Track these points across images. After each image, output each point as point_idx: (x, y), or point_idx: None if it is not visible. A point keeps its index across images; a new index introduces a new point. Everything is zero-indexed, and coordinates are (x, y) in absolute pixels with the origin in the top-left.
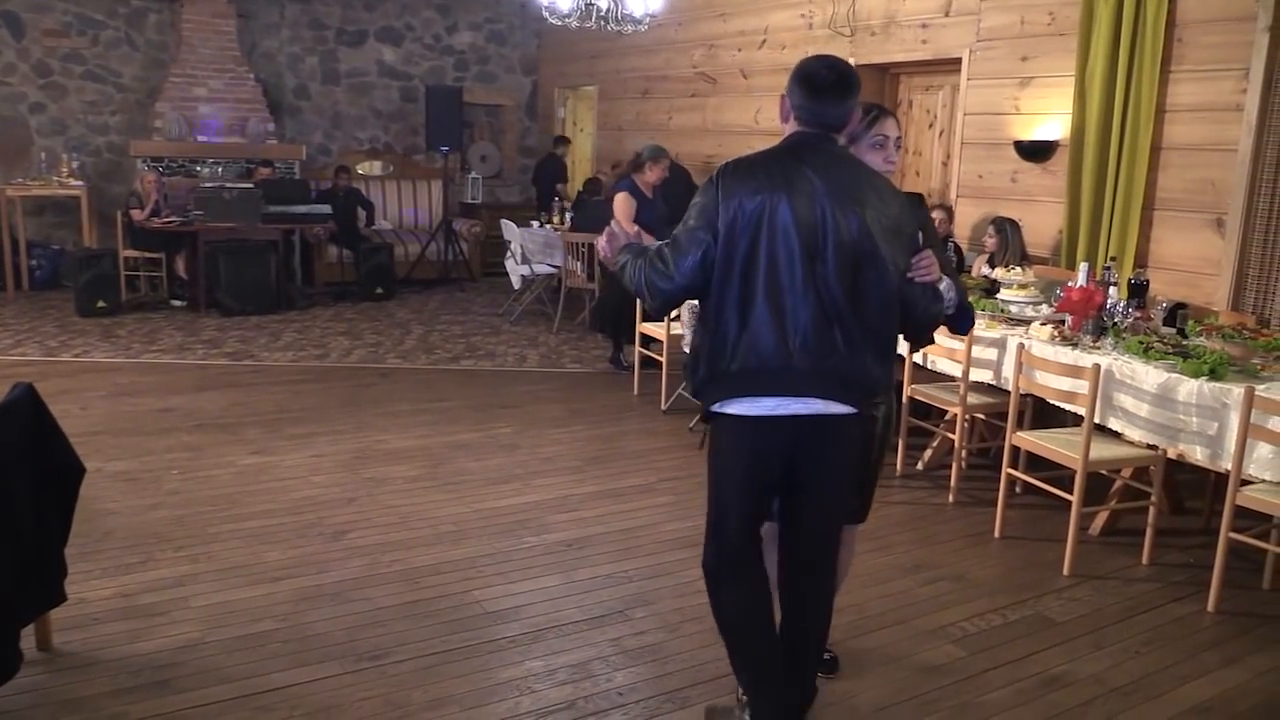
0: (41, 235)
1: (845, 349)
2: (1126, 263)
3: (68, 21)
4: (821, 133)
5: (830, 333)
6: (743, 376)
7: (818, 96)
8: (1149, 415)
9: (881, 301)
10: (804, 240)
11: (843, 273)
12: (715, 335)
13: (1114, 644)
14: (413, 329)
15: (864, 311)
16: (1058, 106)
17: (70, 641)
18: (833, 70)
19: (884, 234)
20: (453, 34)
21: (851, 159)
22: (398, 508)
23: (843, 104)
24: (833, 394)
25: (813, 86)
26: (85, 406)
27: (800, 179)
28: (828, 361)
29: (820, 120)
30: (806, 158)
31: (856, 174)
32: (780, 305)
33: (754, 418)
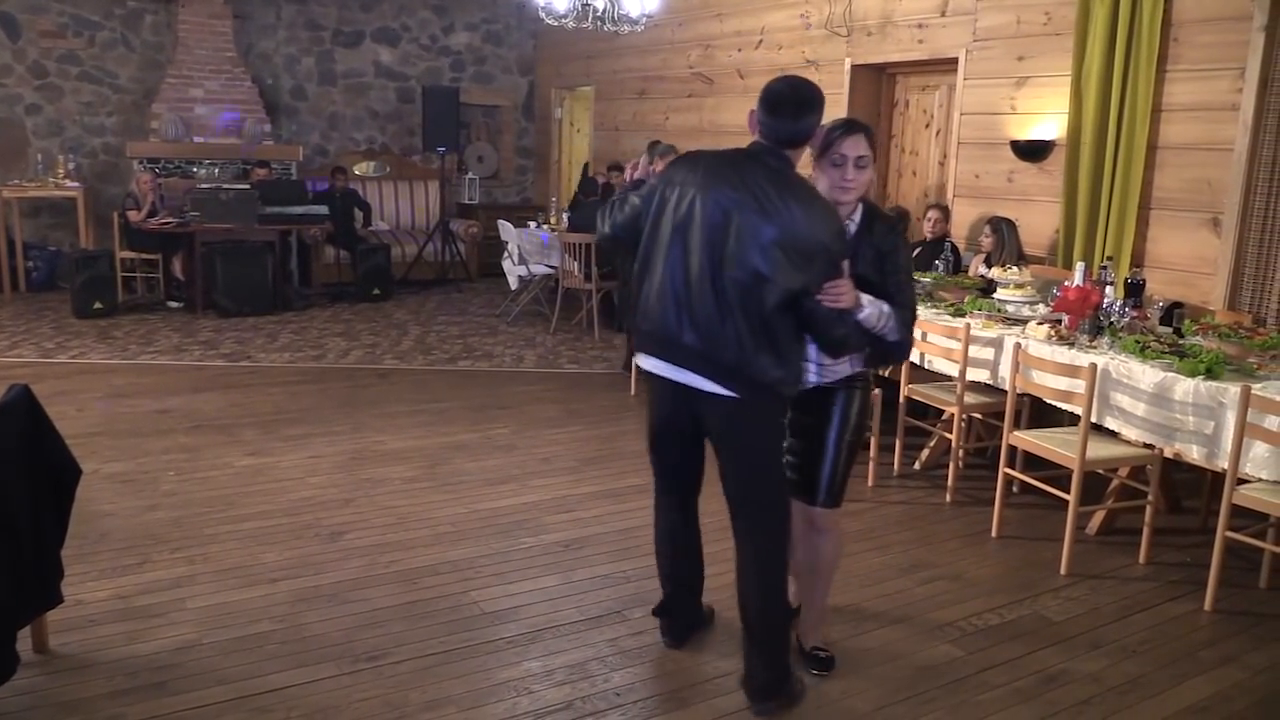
0: (38, 236)
1: (735, 342)
2: (1123, 262)
3: (64, 22)
4: (772, 146)
5: (722, 325)
6: (647, 336)
7: (773, 113)
8: (1146, 414)
9: (772, 311)
10: (708, 238)
11: (738, 276)
12: (634, 294)
13: (1111, 643)
14: (410, 330)
15: (756, 315)
16: (1054, 106)
17: (67, 643)
18: (792, 90)
19: (786, 253)
20: (449, 34)
21: (785, 175)
22: (395, 508)
23: (796, 122)
24: (715, 377)
25: (770, 104)
26: (82, 408)
27: (725, 183)
28: (716, 349)
29: (774, 135)
30: (743, 166)
31: (783, 190)
32: (676, 285)
33: (653, 374)
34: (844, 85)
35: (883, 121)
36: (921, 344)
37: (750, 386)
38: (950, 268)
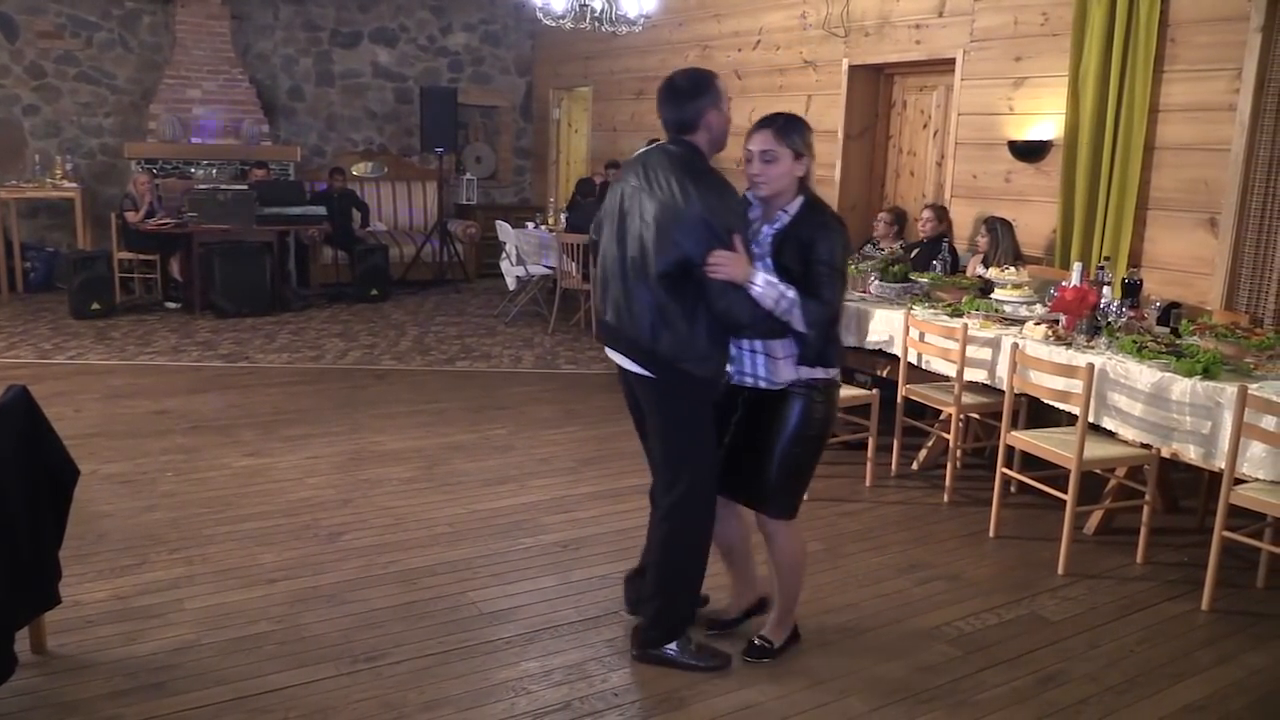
0: (36, 237)
1: (637, 320)
2: (1120, 262)
3: (61, 23)
4: (673, 135)
5: (629, 305)
6: (602, 323)
7: (658, 105)
8: (1143, 414)
9: (661, 285)
10: (617, 225)
11: (633, 255)
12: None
13: (1109, 643)
14: (408, 330)
15: (652, 292)
16: (1051, 106)
17: (65, 644)
18: (668, 81)
19: (664, 225)
20: (447, 35)
21: (680, 158)
22: (393, 509)
23: (677, 109)
24: (633, 357)
25: (657, 97)
26: (80, 409)
27: (632, 173)
28: (627, 328)
29: (665, 124)
30: (650, 156)
31: (672, 171)
32: (605, 276)
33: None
34: (842, 86)
35: (880, 122)
36: (918, 344)
37: (662, 366)
38: (948, 268)
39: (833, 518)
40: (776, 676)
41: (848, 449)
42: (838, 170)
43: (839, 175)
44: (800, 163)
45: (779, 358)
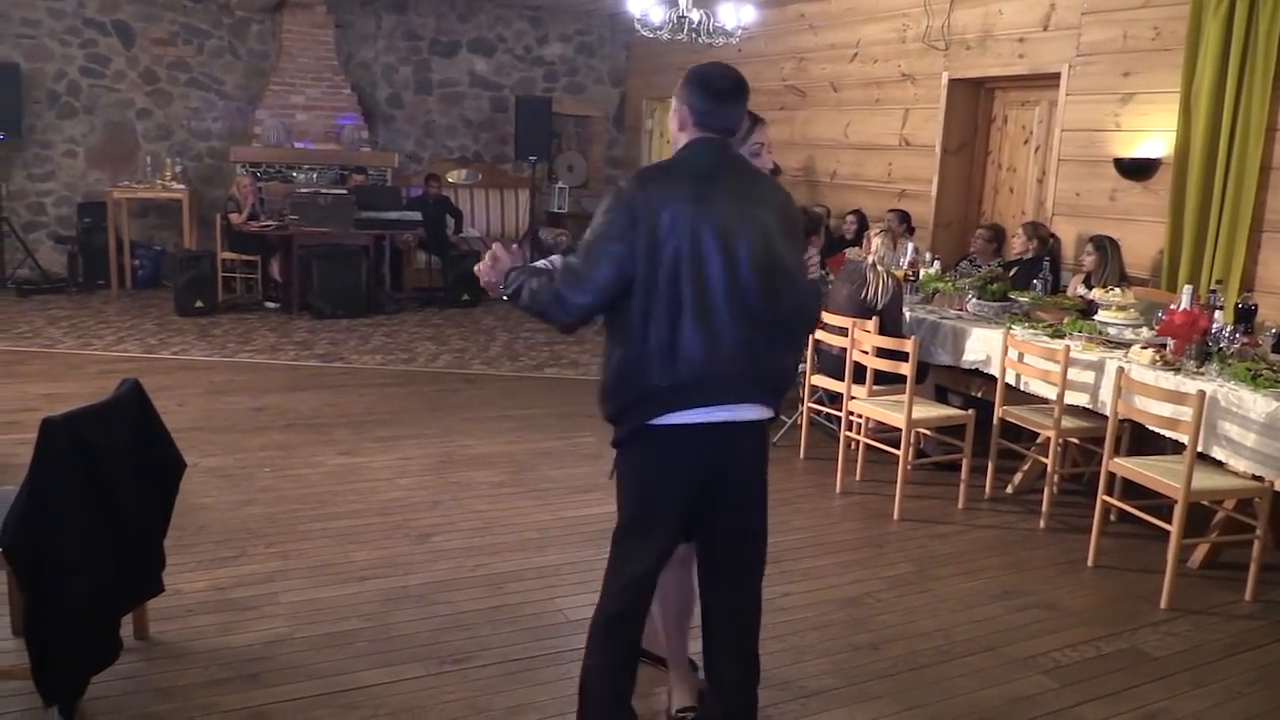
0: (144, 236)
1: (767, 352)
2: (1233, 286)
3: (175, 31)
4: (723, 139)
5: (754, 339)
6: (674, 391)
7: (720, 101)
8: (1255, 445)
9: (795, 302)
10: (724, 247)
11: (759, 278)
12: (643, 348)
13: (1215, 682)
14: (498, 336)
15: (779, 314)
16: (1161, 123)
17: (166, 631)
18: (727, 76)
19: (781, 234)
20: (543, 45)
21: (747, 162)
22: (482, 513)
23: (740, 107)
24: (758, 398)
25: (714, 92)
26: (182, 403)
27: (715, 186)
28: (753, 366)
29: (723, 125)
30: (719, 164)
31: (758, 178)
32: (709, 315)
33: (687, 427)
34: (941, 100)
35: (979, 137)
36: (1017, 365)
37: (778, 394)
38: (1048, 287)
39: (924, 539)
40: (865, 699)
41: (939, 470)
42: (934, 185)
43: (935, 190)
44: None
45: None
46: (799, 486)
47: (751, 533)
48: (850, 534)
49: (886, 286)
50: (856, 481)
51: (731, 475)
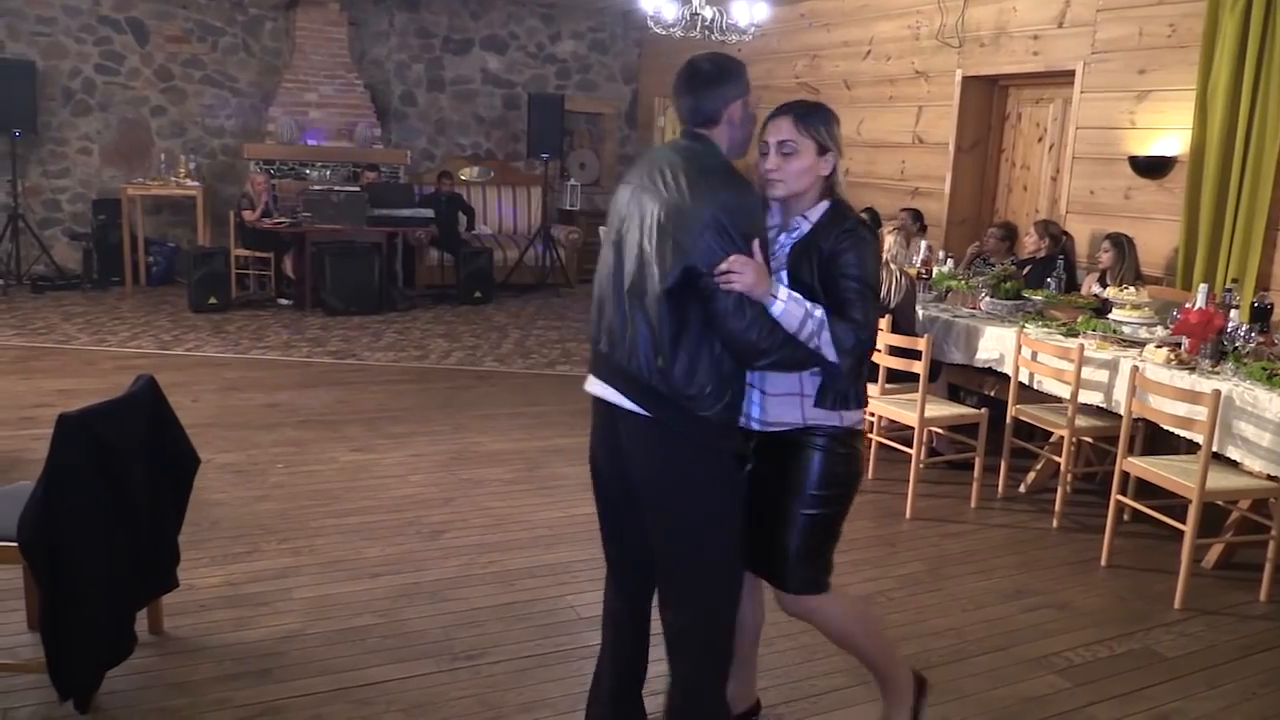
0: (159, 233)
1: (635, 347)
2: (1248, 285)
3: (189, 28)
4: (686, 129)
5: (625, 328)
6: (594, 352)
7: (674, 93)
8: (1271, 445)
9: (664, 301)
10: (616, 229)
11: (634, 268)
12: None
13: (1229, 683)
14: (510, 333)
15: (650, 309)
16: (1177, 121)
17: (180, 626)
18: (687, 65)
19: (666, 228)
20: (555, 43)
21: (690, 151)
22: (494, 510)
23: (690, 96)
24: (622, 389)
25: (673, 85)
26: (196, 399)
27: (635, 175)
28: (618, 353)
29: (681, 115)
30: (655, 154)
31: (680, 167)
32: (601, 291)
33: (593, 396)
34: (954, 97)
35: (993, 135)
36: (1031, 364)
37: (661, 404)
38: (1062, 286)
39: (936, 538)
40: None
41: (952, 468)
42: (947, 184)
43: (949, 189)
44: (826, 159)
45: (773, 394)
46: None
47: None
48: (862, 533)
49: (900, 285)
50: (869, 480)
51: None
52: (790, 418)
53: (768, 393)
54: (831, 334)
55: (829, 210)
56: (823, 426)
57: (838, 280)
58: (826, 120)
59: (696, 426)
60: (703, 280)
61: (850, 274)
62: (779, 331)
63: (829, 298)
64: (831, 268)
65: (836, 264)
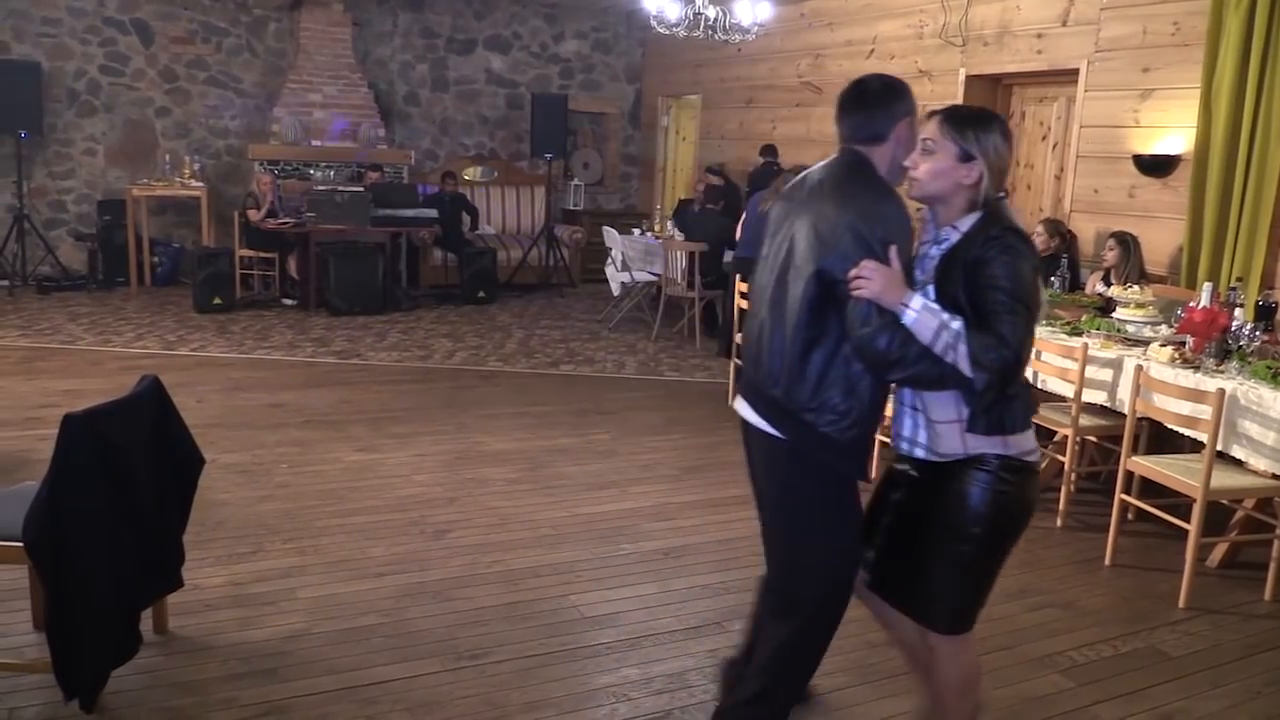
0: (163, 233)
1: (768, 360)
2: (1253, 284)
3: (193, 29)
4: (845, 146)
5: (762, 342)
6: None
7: (839, 110)
8: (1276, 444)
9: (800, 311)
10: (767, 245)
11: (773, 282)
12: None
13: (1233, 682)
14: (513, 333)
15: (787, 320)
16: (1181, 119)
17: (185, 626)
18: (855, 85)
19: (808, 237)
20: (559, 42)
21: (845, 167)
22: (497, 509)
23: (858, 115)
24: (751, 403)
25: (837, 103)
26: (201, 400)
27: (790, 191)
28: (753, 371)
29: (844, 133)
30: (812, 170)
31: (832, 181)
32: (752, 308)
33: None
34: (958, 96)
35: None
36: (1034, 362)
37: (787, 420)
38: (1066, 285)
39: None
40: (881, 696)
41: None
42: None
43: None
44: (969, 167)
45: (938, 421)
46: None
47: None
48: None
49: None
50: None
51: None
52: (954, 447)
53: (932, 419)
54: (968, 348)
55: (980, 220)
56: (986, 456)
57: (984, 291)
58: (983, 129)
59: (816, 442)
60: (838, 288)
61: (998, 285)
62: (913, 343)
63: (975, 310)
64: (978, 278)
65: (983, 274)
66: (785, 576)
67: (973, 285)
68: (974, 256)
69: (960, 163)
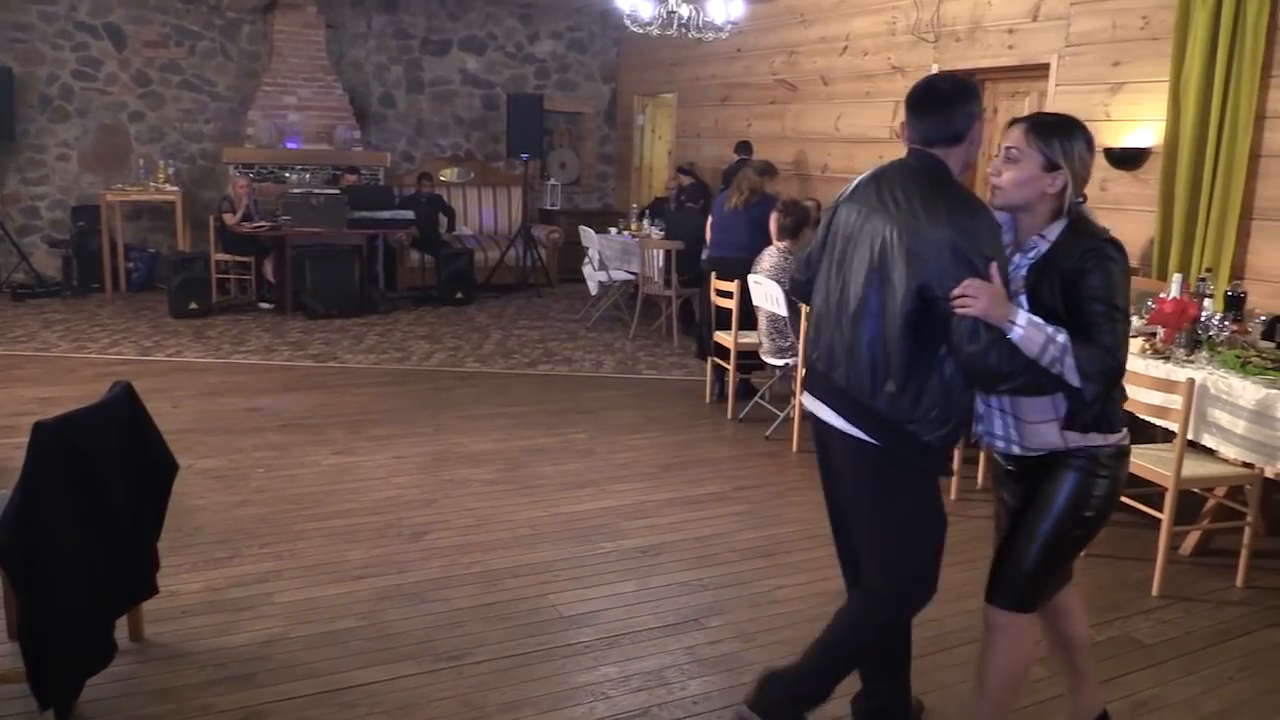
0: (138, 239)
1: (858, 369)
2: (1222, 274)
3: (166, 33)
4: (918, 149)
5: (850, 350)
6: (806, 370)
7: (914, 111)
8: (1245, 432)
9: (898, 324)
10: (839, 255)
11: (861, 290)
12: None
13: (1206, 668)
14: (491, 334)
15: (880, 331)
16: (1150, 113)
17: (162, 633)
18: (928, 85)
19: (906, 250)
20: (534, 43)
21: (923, 173)
22: (476, 510)
23: (937, 117)
24: (847, 414)
25: (910, 104)
26: (177, 405)
27: (865, 195)
28: (841, 378)
29: (918, 135)
30: (885, 175)
31: (914, 188)
32: (818, 316)
33: (810, 413)
34: None
35: None
36: None
37: (883, 428)
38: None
39: None
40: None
41: None
42: None
43: None
44: (1054, 176)
45: (1031, 421)
46: (792, 479)
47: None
48: None
49: None
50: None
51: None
52: (1051, 442)
53: (1024, 419)
54: (1075, 360)
55: (1068, 228)
56: (1084, 448)
57: (1084, 303)
58: (1067, 136)
59: (915, 449)
60: (938, 304)
61: (1097, 296)
62: (1019, 356)
63: (1073, 320)
64: (1076, 289)
65: (1081, 285)
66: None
67: (1072, 296)
68: (1072, 268)
69: (1045, 171)
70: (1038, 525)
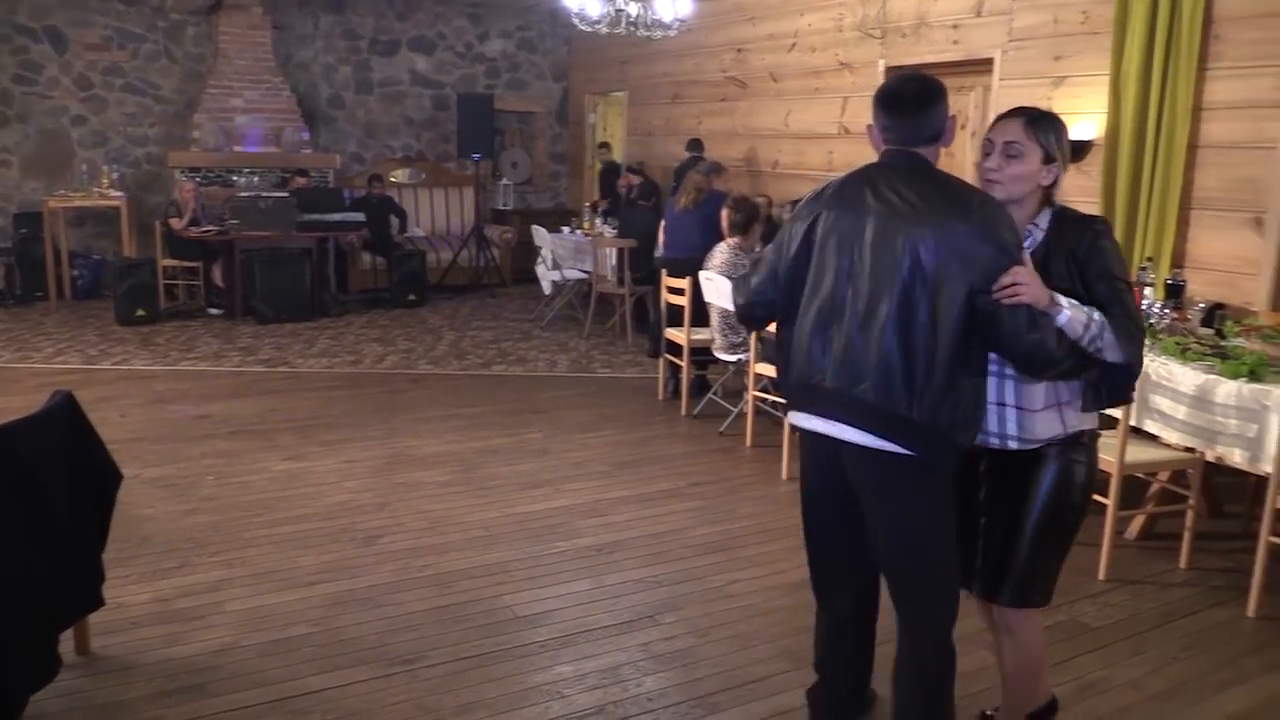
0: (83, 245)
1: (889, 378)
2: (1163, 263)
3: (108, 35)
4: (900, 149)
5: (879, 360)
6: (797, 388)
7: (897, 112)
8: (1186, 417)
9: (926, 328)
10: (850, 260)
11: (872, 291)
12: (782, 346)
13: (1152, 649)
14: (445, 335)
15: (911, 337)
16: (1092, 106)
17: (109, 645)
18: (908, 82)
19: (945, 249)
20: (484, 42)
21: (924, 172)
22: (429, 513)
23: (920, 117)
24: (876, 428)
25: (889, 104)
26: (124, 413)
27: (851, 198)
28: (868, 391)
29: (902, 135)
30: (874, 176)
31: (923, 185)
32: (819, 322)
33: (807, 431)
34: None
35: None
36: None
37: (921, 438)
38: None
39: None
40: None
41: None
42: None
43: None
44: (1049, 169)
45: (1036, 409)
46: (746, 474)
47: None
48: (797, 519)
49: None
50: None
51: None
52: (1053, 430)
53: (1027, 409)
54: (1113, 335)
55: (1057, 215)
56: (1080, 431)
57: (1098, 281)
58: (1058, 130)
59: (949, 454)
60: (979, 299)
61: (1114, 272)
62: (1065, 339)
63: (1092, 298)
64: (1090, 269)
65: (1095, 265)
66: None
67: (1087, 277)
68: (1082, 252)
69: (1043, 165)
70: (1026, 521)
